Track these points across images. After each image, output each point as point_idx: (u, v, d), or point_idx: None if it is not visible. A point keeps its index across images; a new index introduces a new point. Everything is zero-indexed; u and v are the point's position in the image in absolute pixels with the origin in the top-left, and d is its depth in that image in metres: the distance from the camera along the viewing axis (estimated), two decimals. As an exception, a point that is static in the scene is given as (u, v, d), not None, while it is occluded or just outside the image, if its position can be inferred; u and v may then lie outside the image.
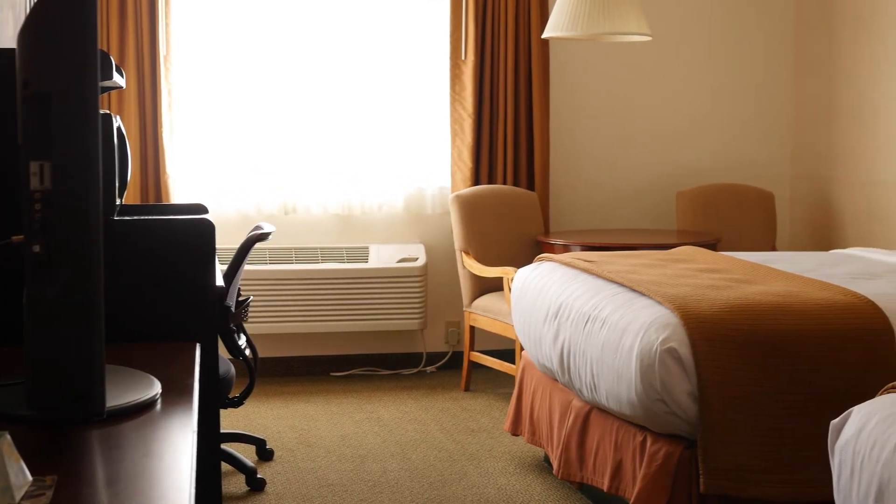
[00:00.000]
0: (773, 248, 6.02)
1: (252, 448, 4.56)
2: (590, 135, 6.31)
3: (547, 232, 5.97)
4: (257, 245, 5.64)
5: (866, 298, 3.36)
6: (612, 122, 6.33)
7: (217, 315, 2.75)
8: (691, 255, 4.30)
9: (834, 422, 2.38)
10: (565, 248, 5.36)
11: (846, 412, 2.35)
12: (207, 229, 2.65)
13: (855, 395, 2.98)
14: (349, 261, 5.89)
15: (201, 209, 3.25)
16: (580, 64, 6.25)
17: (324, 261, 5.87)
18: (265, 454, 4.51)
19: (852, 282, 3.74)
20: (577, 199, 6.29)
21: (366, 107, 5.99)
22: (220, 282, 3.75)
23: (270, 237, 5.74)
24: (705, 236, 5.61)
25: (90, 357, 1.68)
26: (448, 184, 6.05)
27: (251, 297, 4.39)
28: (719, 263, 4.06)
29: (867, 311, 3.29)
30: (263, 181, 5.87)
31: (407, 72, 6.02)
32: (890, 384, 2.36)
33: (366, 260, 5.90)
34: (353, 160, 5.99)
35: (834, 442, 2.35)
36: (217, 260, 5.52)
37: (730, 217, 6.04)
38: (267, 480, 4.22)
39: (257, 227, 4.23)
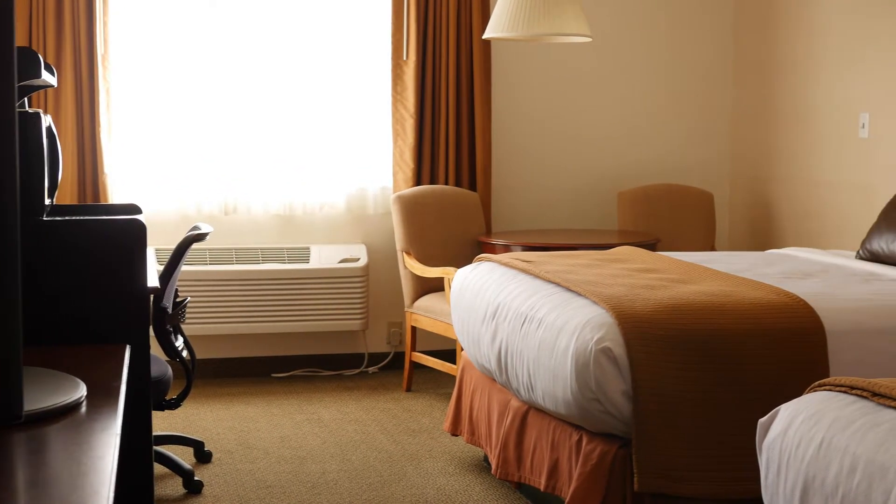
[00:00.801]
0: (713, 248, 6.08)
1: (190, 450, 4.53)
2: (532, 135, 6.34)
3: (488, 232, 5.99)
4: (197, 245, 5.63)
5: (798, 298, 3.41)
6: (554, 122, 6.36)
7: (148, 316, 2.72)
8: (629, 256, 4.33)
9: (762, 420, 2.40)
10: (506, 249, 5.37)
11: (774, 410, 2.38)
12: (138, 230, 2.63)
13: (787, 394, 3.01)
14: (290, 261, 5.87)
15: (135, 209, 3.21)
16: (522, 64, 6.27)
17: (265, 261, 5.84)
18: (203, 456, 4.48)
19: (785, 281, 3.78)
20: (518, 200, 6.32)
21: (308, 107, 5.96)
22: (155, 283, 3.72)
23: (211, 238, 5.75)
24: (645, 236, 5.65)
25: (6, 358, 1.65)
26: (390, 184, 6.04)
27: (188, 298, 4.36)
28: (656, 263, 4.10)
29: (799, 311, 3.33)
30: (204, 181, 5.83)
31: (349, 72, 6.01)
32: (816, 382, 2.39)
33: (307, 260, 5.88)
34: (294, 160, 5.96)
35: (761, 440, 2.37)
36: (156, 261, 5.48)
37: (670, 217, 6.09)
38: (204, 483, 4.18)
39: (195, 228, 4.20)
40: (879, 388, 2.18)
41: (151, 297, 3.90)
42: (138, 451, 2.75)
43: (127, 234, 2.58)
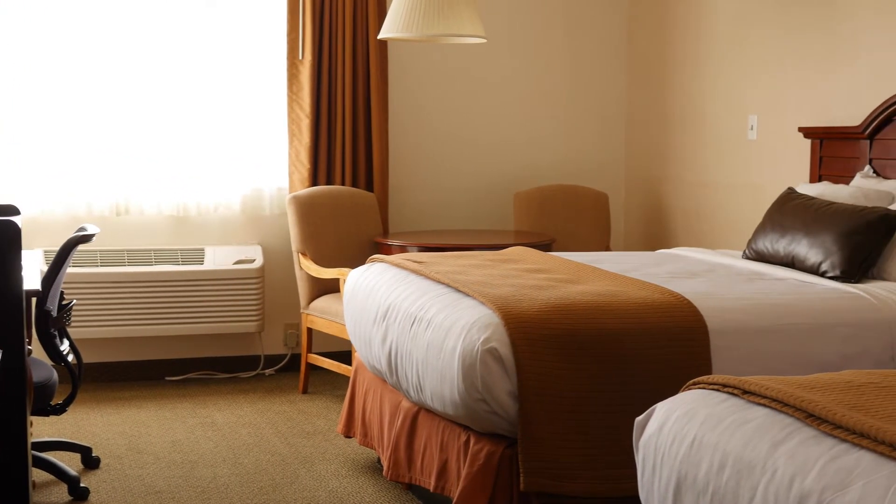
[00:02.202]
0: (608, 248, 6.14)
1: (77, 456, 4.43)
2: (429, 136, 6.34)
3: (385, 233, 5.97)
4: (87, 247, 5.52)
5: (682, 297, 3.45)
6: (451, 123, 6.37)
7: (23, 320, 2.66)
8: (521, 256, 4.35)
9: (638, 419, 2.43)
10: (402, 249, 5.37)
11: (650, 409, 2.41)
12: (12, 231, 2.57)
13: (669, 393, 3.03)
14: (184, 262, 5.78)
15: (11, 210, 3.14)
16: (419, 65, 6.27)
17: (158, 263, 5.75)
18: (91, 462, 4.39)
19: (672, 281, 3.83)
20: (415, 200, 6.31)
21: (202, 106, 5.88)
22: (37, 285, 3.64)
23: (103, 239, 5.64)
24: (541, 237, 5.69)
25: None
26: (286, 184, 5.99)
27: (74, 301, 4.27)
28: (547, 263, 4.12)
29: (683, 310, 3.38)
30: (95, 181, 5.72)
31: (244, 71, 5.94)
32: (691, 381, 2.43)
33: (201, 262, 5.80)
34: (188, 160, 5.88)
35: (638, 438, 2.40)
36: (44, 262, 5.35)
37: (565, 218, 6.14)
38: (91, 489, 4.10)
39: (81, 229, 4.12)
40: (749, 385, 2.21)
41: (34, 300, 3.82)
42: (12, 459, 2.69)
43: (-1, 235, 2.52)
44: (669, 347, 3.28)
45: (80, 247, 5.38)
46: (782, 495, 1.90)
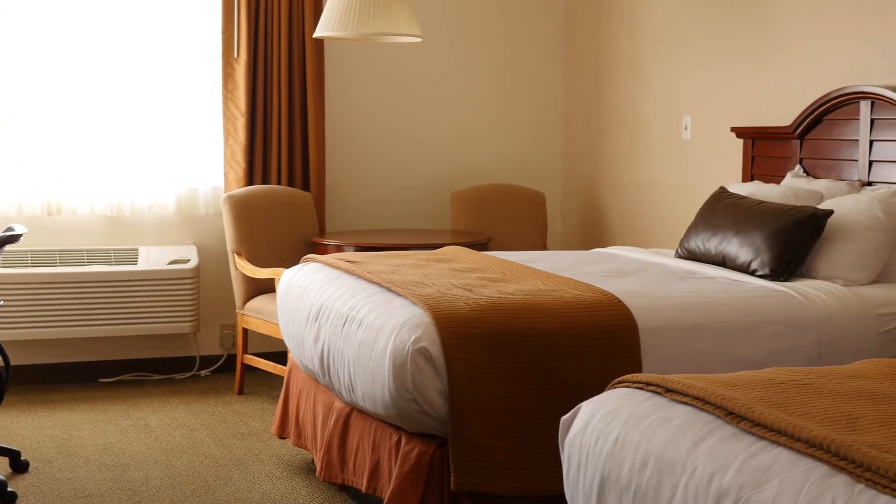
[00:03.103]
0: (545, 247, 6.16)
1: (5, 461, 4.36)
2: (366, 135, 6.32)
3: (321, 232, 5.94)
4: (17, 247, 5.43)
5: (613, 296, 3.47)
6: (388, 122, 6.36)
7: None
8: (455, 255, 4.35)
9: (564, 418, 2.43)
10: (338, 249, 5.34)
11: (576, 408, 2.41)
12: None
13: (599, 391, 3.04)
14: (117, 263, 5.71)
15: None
16: (356, 64, 6.25)
17: (90, 263, 5.67)
18: (19, 466, 4.31)
19: (604, 280, 3.85)
20: (352, 200, 6.29)
21: (137, 104, 5.82)
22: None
23: (33, 239, 5.56)
24: (477, 236, 5.69)
25: None
26: (221, 184, 5.94)
27: (2, 302, 4.21)
28: (480, 263, 4.12)
29: (613, 309, 3.39)
30: (25, 180, 5.63)
31: (179, 69, 5.88)
32: (617, 379, 2.43)
33: (135, 262, 5.73)
34: (122, 159, 5.81)
35: (564, 437, 2.40)
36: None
37: (502, 217, 6.15)
38: (19, 493, 4.03)
39: (9, 229, 4.05)
40: (672, 384, 2.23)
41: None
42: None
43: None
44: (600, 346, 3.30)
45: (10, 247, 5.31)
46: (701, 493, 1.91)
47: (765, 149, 4.97)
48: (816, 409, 2.03)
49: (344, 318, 3.60)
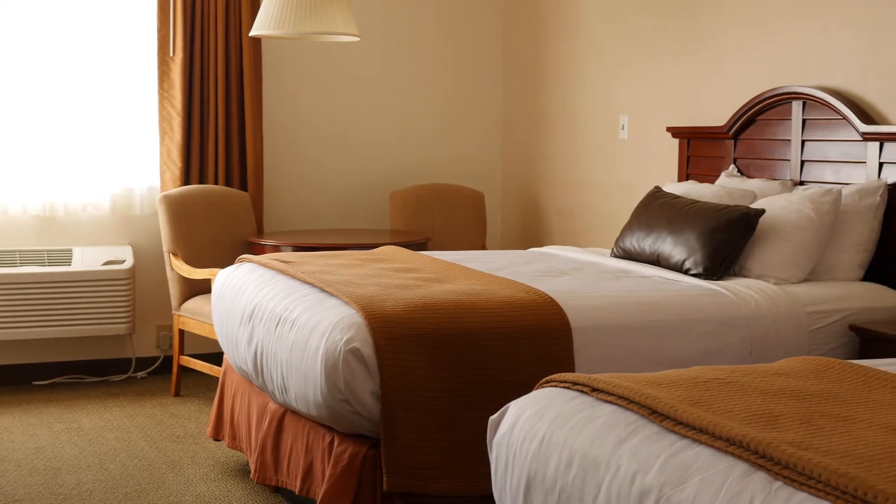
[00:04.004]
0: (484, 247, 6.17)
1: (-67, 465, 4.29)
2: (305, 134, 6.29)
3: (259, 232, 5.90)
4: (-53, 248, 5.33)
5: (547, 295, 3.47)
6: (327, 121, 6.33)
7: None
8: (390, 255, 4.33)
9: (492, 417, 2.43)
10: (276, 249, 5.31)
11: (504, 407, 2.41)
12: None
13: (532, 391, 3.06)
14: (51, 264, 5.63)
15: None
16: (294, 63, 6.22)
17: (23, 264, 5.58)
18: (-53, 471, 4.24)
19: (539, 279, 3.85)
20: (291, 200, 6.25)
21: (71, 103, 5.74)
22: None
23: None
24: (416, 236, 5.68)
25: None
26: (158, 184, 5.88)
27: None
28: (416, 263, 4.11)
29: (546, 308, 3.40)
30: (-45, 180, 5.54)
31: (114, 67, 5.81)
32: (545, 379, 2.43)
33: (69, 263, 5.65)
34: (56, 158, 5.73)
35: (492, 437, 2.40)
36: None
37: (441, 217, 6.14)
38: (-54, 499, 3.97)
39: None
40: (598, 383, 2.23)
41: None
42: None
43: None
44: (532, 346, 3.30)
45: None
46: (624, 492, 1.91)
47: (700, 149, 5.01)
48: (739, 408, 2.05)
49: (277, 319, 3.58)
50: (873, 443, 1.82)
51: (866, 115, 4.12)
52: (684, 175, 5.08)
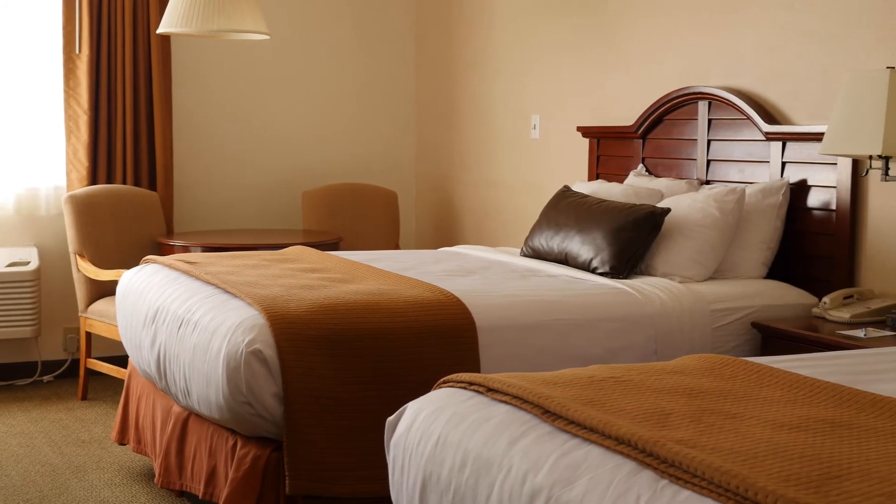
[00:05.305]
0: (397, 247, 6.15)
1: None
2: (216, 133, 6.21)
3: (169, 233, 5.82)
4: None
5: (452, 295, 3.46)
6: (239, 120, 6.26)
7: None
8: (298, 255, 4.29)
9: (390, 419, 2.41)
10: (185, 249, 5.23)
11: (402, 408, 2.39)
12: None
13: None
14: (-48, 266, 5.49)
15: None
16: (204, 61, 6.14)
17: (-77, 266, 5.44)
18: None
19: (446, 279, 3.84)
20: (202, 199, 6.18)
21: (-28, 101, 5.61)
22: None
23: None
24: (328, 236, 5.64)
25: None
26: (64, 183, 5.76)
27: None
28: (323, 263, 4.08)
29: (452, 308, 3.39)
30: None
31: (18, 65, 5.68)
32: (442, 379, 2.42)
33: (-29, 264, 5.52)
34: (-43, 158, 5.60)
35: (389, 438, 2.38)
36: None
37: (354, 216, 6.11)
38: None
39: None
40: (493, 383, 2.22)
41: None
42: None
43: None
44: (437, 346, 3.29)
45: None
46: (516, 492, 1.91)
47: (609, 148, 5.04)
48: (631, 406, 2.05)
49: (180, 321, 3.52)
50: (759, 440, 1.83)
51: (769, 116, 4.18)
52: (594, 174, 5.11)
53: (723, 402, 2.11)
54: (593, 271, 4.01)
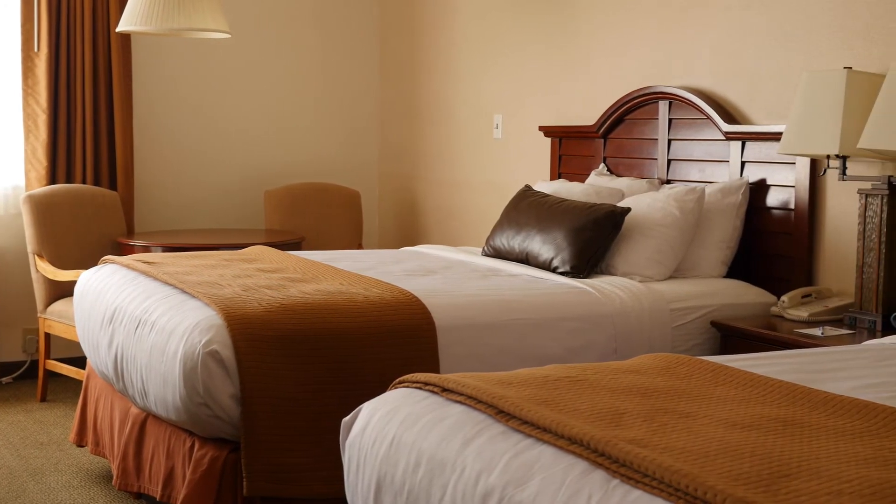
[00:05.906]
0: (360, 246, 6.13)
1: None
2: (177, 132, 6.17)
3: (130, 233, 5.77)
4: None
5: (412, 294, 3.45)
6: (200, 119, 6.22)
7: None
8: (258, 255, 4.27)
9: (345, 419, 2.40)
10: (146, 249, 5.19)
11: (357, 409, 2.38)
12: None
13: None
14: None
15: None
16: (165, 59, 6.10)
17: None
18: None
19: (406, 279, 3.83)
20: (163, 199, 6.13)
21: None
22: None
23: None
24: (290, 235, 5.62)
25: None
26: (22, 183, 5.71)
27: None
28: (283, 263, 4.06)
29: (411, 307, 3.38)
30: None
31: (-25, 63, 5.63)
32: (398, 379, 2.41)
33: (-72, 265, 5.46)
34: (-86, 157, 5.53)
35: (345, 439, 2.37)
36: None
37: (317, 216, 6.09)
38: None
39: None
40: (448, 383, 2.22)
41: None
42: None
43: None
44: (397, 345, 3.28)
45: None
46: (469, 492, 1.90)
47: (571, 147, 5.05)
48: (585, 406, 2.05)
49: (137, 322, 3.49)
50: (711, 439, 1.84)
51: (729, 115, 4.19)
52: (556, 174, 5.11)
53: (677, 401, 2.11)
54: (554, 271, 4.01)
